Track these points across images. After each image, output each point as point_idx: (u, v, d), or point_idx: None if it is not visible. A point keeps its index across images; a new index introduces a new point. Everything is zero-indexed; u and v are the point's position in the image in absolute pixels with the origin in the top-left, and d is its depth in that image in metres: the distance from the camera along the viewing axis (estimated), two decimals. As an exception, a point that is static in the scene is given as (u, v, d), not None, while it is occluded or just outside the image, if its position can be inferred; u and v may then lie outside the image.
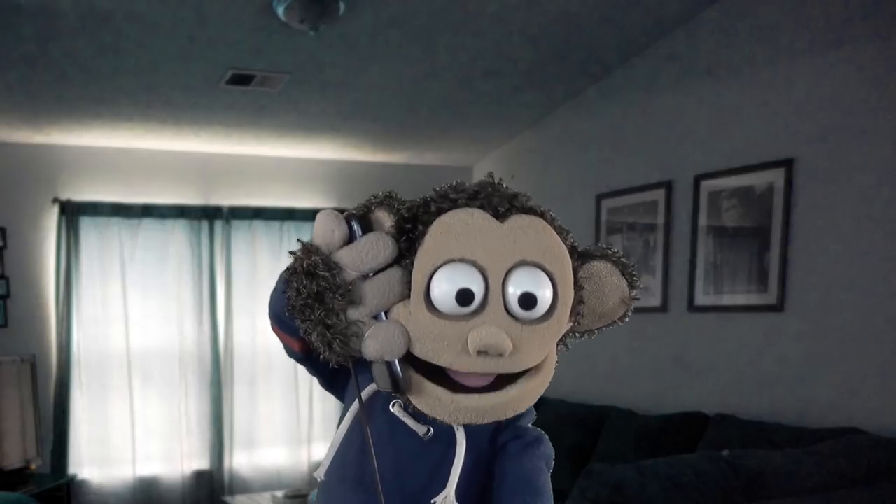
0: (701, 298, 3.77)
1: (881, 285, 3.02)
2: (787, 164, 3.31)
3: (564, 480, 2.49)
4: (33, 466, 4.33)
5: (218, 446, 4.99)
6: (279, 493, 4.14)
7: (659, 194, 3.95)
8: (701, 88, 3.72)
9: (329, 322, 0.71)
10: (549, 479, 0.81)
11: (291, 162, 5.13)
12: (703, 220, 3.73)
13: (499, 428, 0.81)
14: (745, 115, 3.52)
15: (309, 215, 5.06)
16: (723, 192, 3.62)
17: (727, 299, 3.64)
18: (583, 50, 3.89)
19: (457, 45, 3.71)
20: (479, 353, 0.70)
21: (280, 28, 3.36)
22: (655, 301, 3.97)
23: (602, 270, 0.79)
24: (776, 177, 3.36)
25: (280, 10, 3.17)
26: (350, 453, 0.81)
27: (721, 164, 3.62)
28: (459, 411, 0.73)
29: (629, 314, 0.81)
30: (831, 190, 3.18)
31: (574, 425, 4.01)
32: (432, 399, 0.73)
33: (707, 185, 3.69)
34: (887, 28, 2.97)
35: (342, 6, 3.18)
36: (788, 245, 3.34)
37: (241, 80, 3.90)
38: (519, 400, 0.75)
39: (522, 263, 0.72)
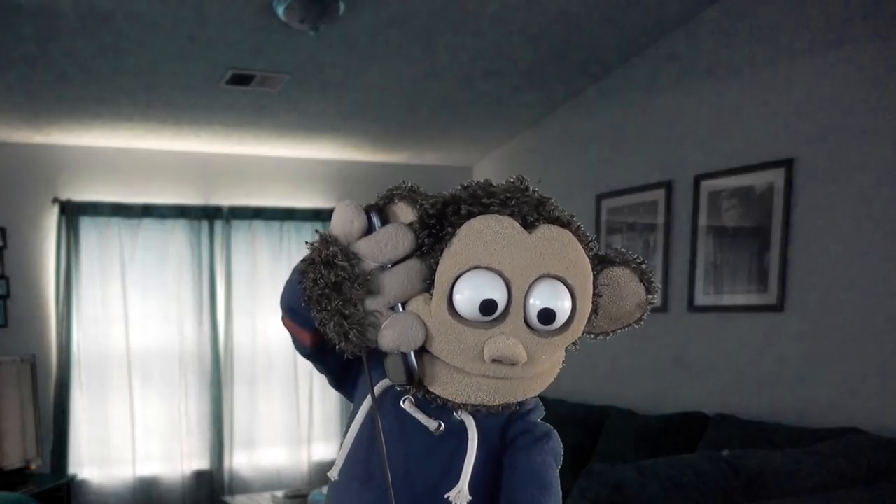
0: (701, 298, 3.77)
1: (881, 285, 3.03)
2: (787, 164, 3.32)
3: (564, 480, 2.48)
4: (33, 466, 4.33)
5: (218, 446, 4.99)
6: (279, 493, 4.14)
7: (659, 194, 3.95)
8: (701, 88, 3.72)
9: (346, 312, 0.71)
10: (558, 474, 0.81)
11: (291, 162, 5.13)
12: (703, 220, 3.73)
13: (509, 422, 0.81)
14: (745, 115, 3.52)
15: (309, 215, 5.07)
16: (723, 192, 3.62)
17: (727, 299, 3.65)
18: (583, 50, 3.89)
19: (457, 45, 3.72)
20: (494, 360, 0.71)
21: (280, 28, 3.36)
22: (655, 301, 3.96)
23: (621, 277, 0.80)
24: (776, 177, 3.36)
25: (280, 10, 3.17)
26: (360, 450, 0.81)
27: (721, 164, 3.62)
28: (472, 387, 0.74)
29: (644, 318, 0.83)
30: (831, 190, 3.18)
31: (574, 425, 4.01)
32: (445, 376, 0.74)
33: (707, 185, 3.69)
34: (887, 28, 2.97)
35: (342, 6, 3.18)
36: (788, 245, 3.34)
37: (241, 80, 3.90)
38: (530, 381, 0.76)
39: (546, 276, 0.72)
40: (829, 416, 3.13)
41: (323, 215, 5.05)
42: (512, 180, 0.76)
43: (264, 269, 5.02)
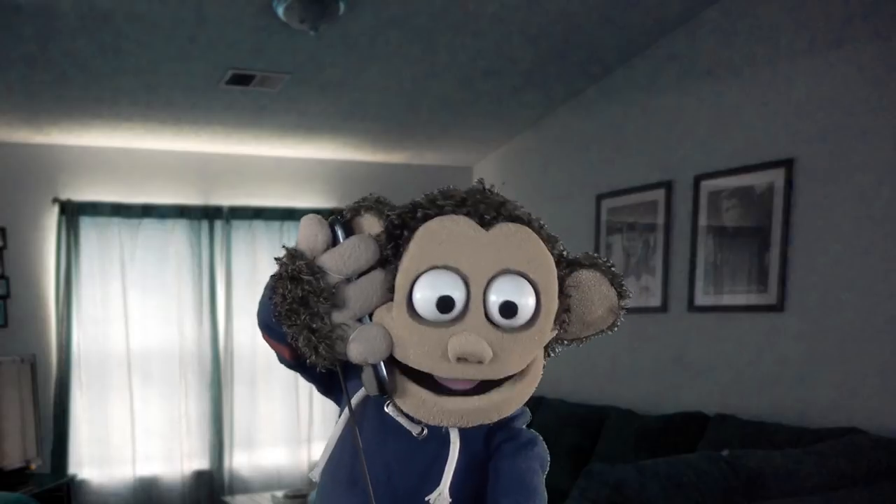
0: (701, 298, 3.77)
1: (881, 285, 3.02)
2: (787, 164, 3.32)
3: (564, 480, 2.48)
4: (33, 466, 4.33)
5: (218, 446, 4.99)
6: (279, 493, 4.14)
7: (659, 194, 3.95)
8: (701, 88, 3.72)
9: (314, 326, 0.71)
10: (543, 481, 0.81)
11: (291, 162, 5.13)
12: (703, 220, 3.73)
13: (493, 429, 0.81)
14: (745, 115, 3.52)
15: (309, 215, 5.06)
16: (723, 192, 3.62)
17: (727, 299, 3.64)
18: (583, 50, 3.89)
19: (457, 45, 3.71)
20: (459, 359, 0.70)
21: (280, 28, 3.36)
22: (655, 301, 3.97)
23: (590, 280, 0.78)
24: (776, 177, 3.36)
25: (280, 10, 3.17)
26: (344, 455, 0.81)
27: (721, 164, 3.62)
28: (443, 414, 0.73)
29: (618, 324, 0.80)
30: (831, 190, 3.18)
31: (574, 425, 4.01)
32: (417, 401, 0.73)
33: (707, 185, 3.69)
34: (887, 28, 2.97)
35: (342, 6, 3.18)
36: (788, 245, 3.34)
37: (241, 80, 3.90)
38: (502, 404, 0.75)
39: (506, 272, 0.72)
40: (829, 416, 3.13)
41: (321, 215, 5.05)
42: (474, 185, 0.75)
43: (264, 269, 5.01)
